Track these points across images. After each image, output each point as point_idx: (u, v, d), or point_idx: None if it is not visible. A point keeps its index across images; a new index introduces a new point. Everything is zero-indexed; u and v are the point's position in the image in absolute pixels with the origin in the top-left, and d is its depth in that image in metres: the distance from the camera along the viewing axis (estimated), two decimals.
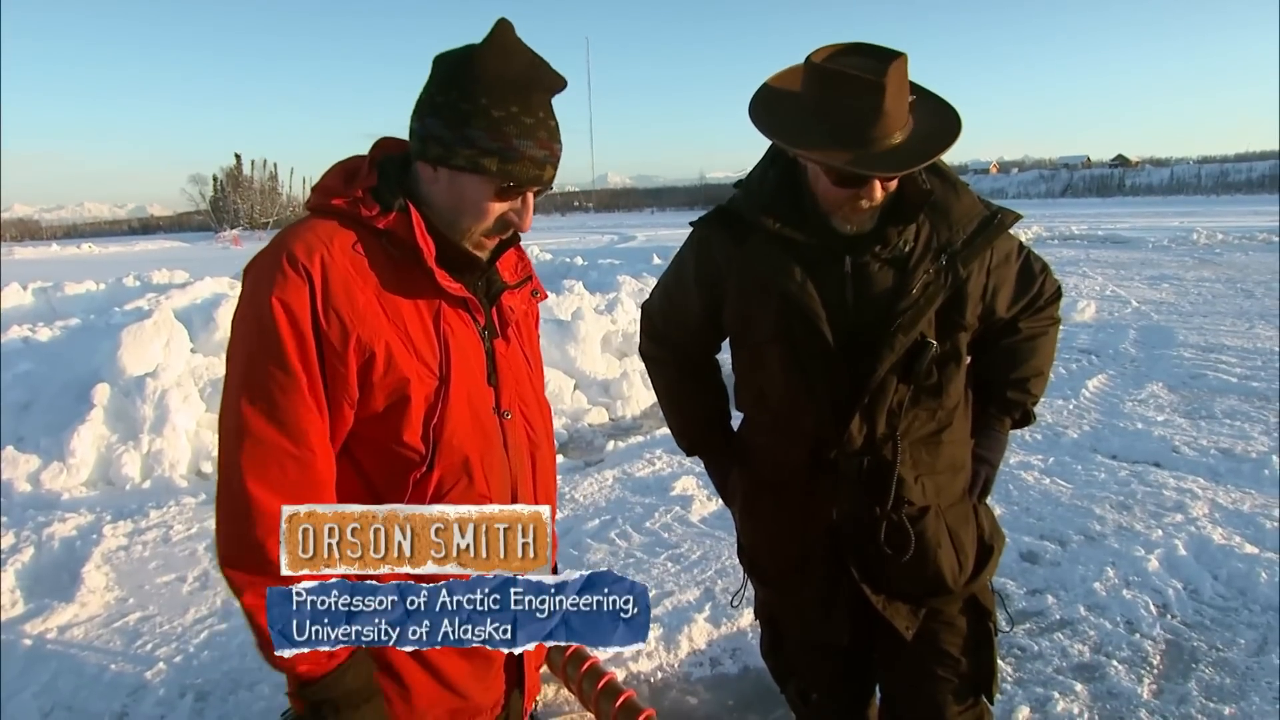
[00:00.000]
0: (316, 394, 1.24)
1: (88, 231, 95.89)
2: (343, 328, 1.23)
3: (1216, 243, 19.55)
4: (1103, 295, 11.69)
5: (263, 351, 1.22)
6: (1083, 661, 2.91)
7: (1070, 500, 4.29)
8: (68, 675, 3.01)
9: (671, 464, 5.08)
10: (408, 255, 1.29)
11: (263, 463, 1.22)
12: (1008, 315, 1.75)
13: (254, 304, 1.23)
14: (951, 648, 1.77)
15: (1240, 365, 7.05)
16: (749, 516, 1.89)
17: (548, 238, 33.03)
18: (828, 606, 1.76)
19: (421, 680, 1.38)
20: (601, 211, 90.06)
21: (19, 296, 11.88)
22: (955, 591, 1.73)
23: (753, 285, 1.66)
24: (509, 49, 1.26)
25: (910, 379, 1.60)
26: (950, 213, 1.61)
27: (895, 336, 1.55)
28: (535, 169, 1.28)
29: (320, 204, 1.32)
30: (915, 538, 1.65)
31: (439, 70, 1.28)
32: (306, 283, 1.22)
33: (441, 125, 1.25)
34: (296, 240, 1.25)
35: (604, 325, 7.70)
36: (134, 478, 5.07)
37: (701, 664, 3.00)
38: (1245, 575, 3.39)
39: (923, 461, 1.68)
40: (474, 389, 1.36)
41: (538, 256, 18.58)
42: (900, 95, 1.47)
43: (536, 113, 1.27)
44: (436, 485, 1.33)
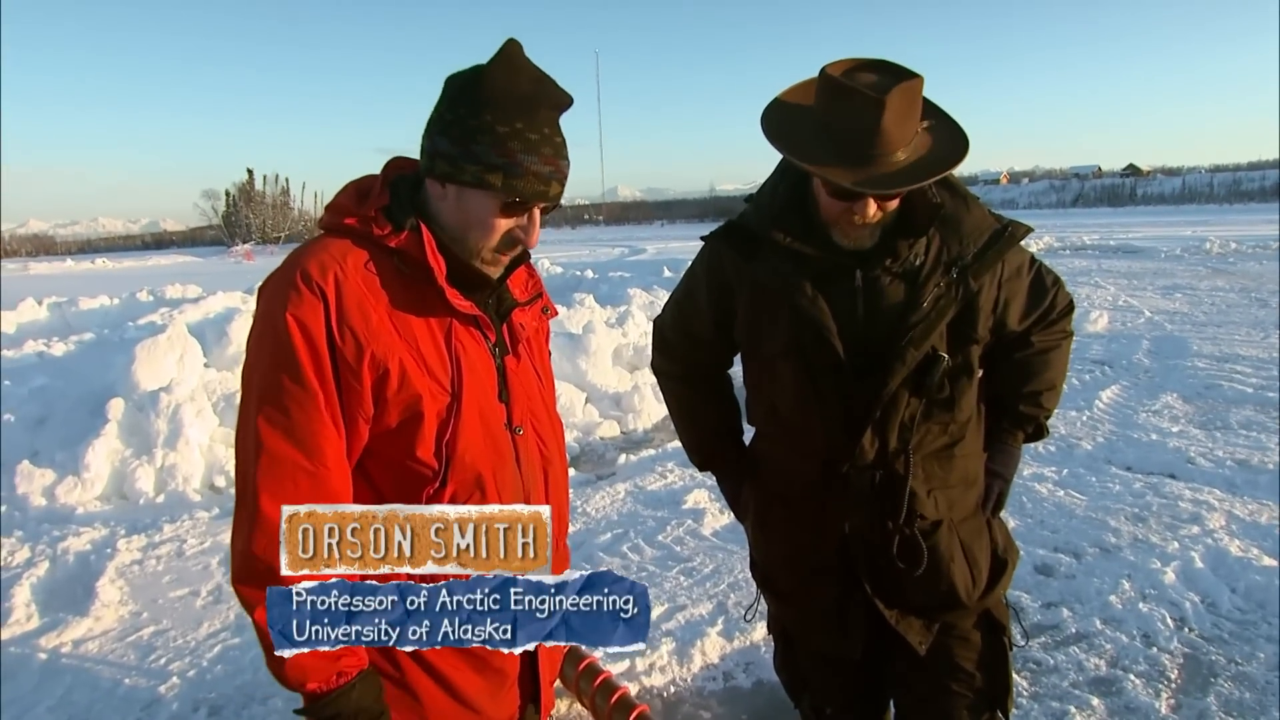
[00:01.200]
0: (333, 410, 1.25)
1: (102, 246, 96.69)
2: (357, 344, 1.24)
3: (1230, 252, 19.43)
4: (1115, 305, 11.62)
5: (278, 368, 1.23)
6: (1099, 675, 2.88)
7: (1085, 512, 4.26)
8: (82, 689, 3.02)
9: (683, 477, 5.07)
10: (419, 274, 1.30)
11: (278, 479, 1.23)
12: (1020, 329, 1.74)
13: (269, 321, 1.24)
14: (966, 663, 1.76)
15: (1255, 375, 7.00)
16: (761, 529, 1.88)
17: (558, 251, 33.11)
18: (841, 621, 1.75)
19: (434, 694, 1.38)
20: (612, 224, 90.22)
21: (34, 311, 11.98)
22: (969, 606, 1.72)
23: (763, 298, 1.67)
24: (515, 67, 1.28)
25: (922, 393, 1.60)
26: (961, 226, 1.61)
27: (906, 350, 1.55)
28: (540, 184, 1.29)
29: (333, 223, 1.34)
30: (928, 552, 1.64)
31: (448, 89, 1.30)
32: (321, 300, 1.23)
33: (448, 142, 1.27)
34: (310, 259, 1.27)
35: (615, 338, 7.70)
36: (148, 492, 5.09)
37: (715, 678, 2.99)
38: (1264, 588, 3.35)
39: (935, 475, 1.68)
40: (486, 405, 1.37)
41: (548, 270, 18.62)
42: (905, 115, 1.46)
43: (542, 129, 1.29)
44: (450, 501, 1.34)
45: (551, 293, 1.61)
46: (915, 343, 1.56)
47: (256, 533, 1.23)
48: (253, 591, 1.23)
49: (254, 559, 1.23)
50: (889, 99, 1.41)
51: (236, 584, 1.25)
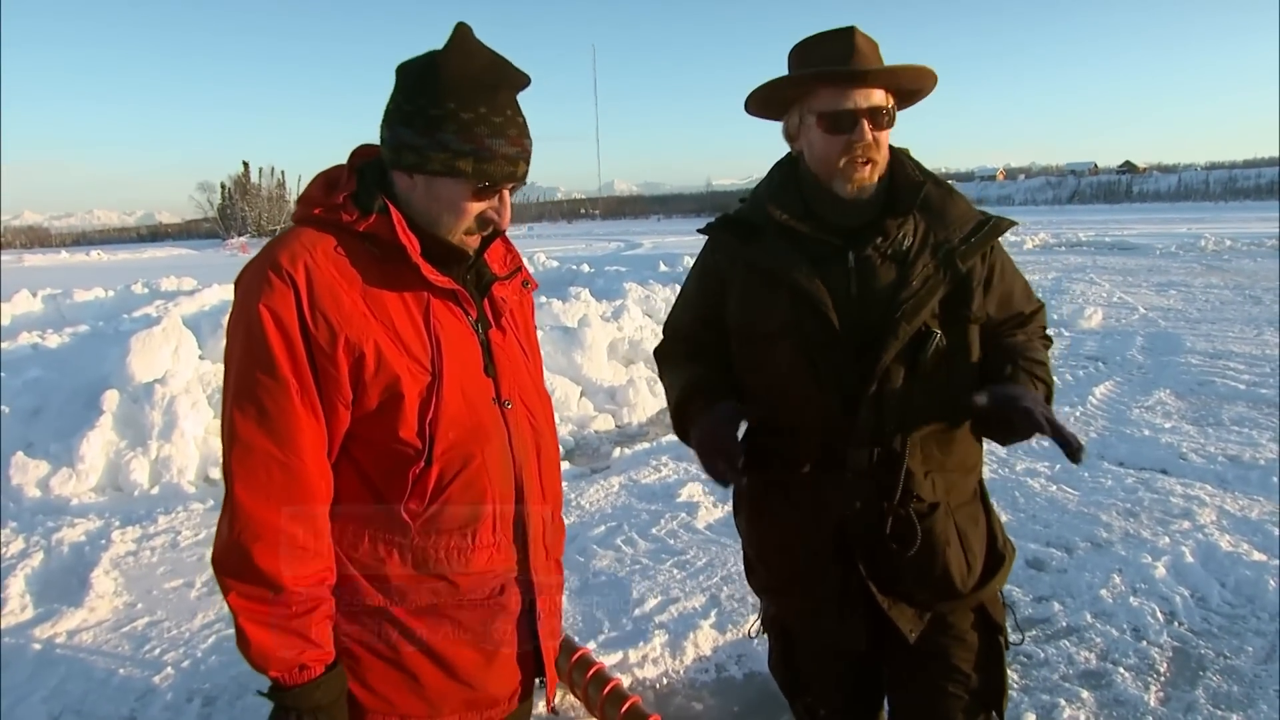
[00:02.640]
0: (309, 398, 1.26)
1: (97, 239, 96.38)
2: (330, 329, 1.26)
3: (1224, 249, 19.49)
4: (1110, 302, 11.66)
5: (252, 359, 1.25)
6: (1089, 669, 2.90)
7: (1077, 507, 4.28)
8: (76, 679, 3.03)
9: (678, 471, 5.08)
10: (392, 254, 1.32)
11: (251, 469, 1.25)
12: (999, 317, 1.74)
13: (243, 313, 1.27)
14: (963, 663, 1.76)
15: (1248, 372, 7.03)
16: (759, 519, 1.87)
17: (554, 245, 33.09)
18: (841, 609, 1.75)
19: (430, 672, 1.40)
20: (608, 218, 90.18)
21: (29, 303, 11.97)
22: (964, 596, 1.72)
23: (761, 278, 1.70)
24: (470, 51, 1.29)
25: (917, 369, 1.61)
26: (946, 214, 1.67)
27: (899, 324, 1.59)
28: (509, 166, 1.32)
29: (304, 214, 1.36)
30: (923, 534, 1.66)
31: (404, 79, 1.31)
32: (291, 288, 1.25)
33: (413, 133, 1.29)
34: (281, 249, 1.29)
35: (610, 332, 7.71)
36: (142, 483, 5.09)
37: (707, 670, 3.00)
38: (1253, 583, 3.38)
39: (933, 457, 1.69)
40: (469, 381, 1.38)
41: (544, 264, 18.60)
42: (873, 47, 1.62)
43: (505, 111, 1.31)
44: (436, 480, 1.35)
45: (547, 286, 1.63)
46: (907, 317, 1.59)
47: (233, 521, 1.25)
48: (226, 577, 1.27)
49: (229, 545, 1.26)
50: (854, 28, 1.61)
51: (213, 567, 1.28)
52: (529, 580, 1.49)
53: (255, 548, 1.24)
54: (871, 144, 1.61)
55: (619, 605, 3.41)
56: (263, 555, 1.24)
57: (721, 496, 4.40)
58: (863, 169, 1.63)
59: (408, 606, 1.37)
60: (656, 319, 9.33)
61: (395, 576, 1.36)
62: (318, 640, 1.29)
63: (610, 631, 3.21)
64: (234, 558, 1.25)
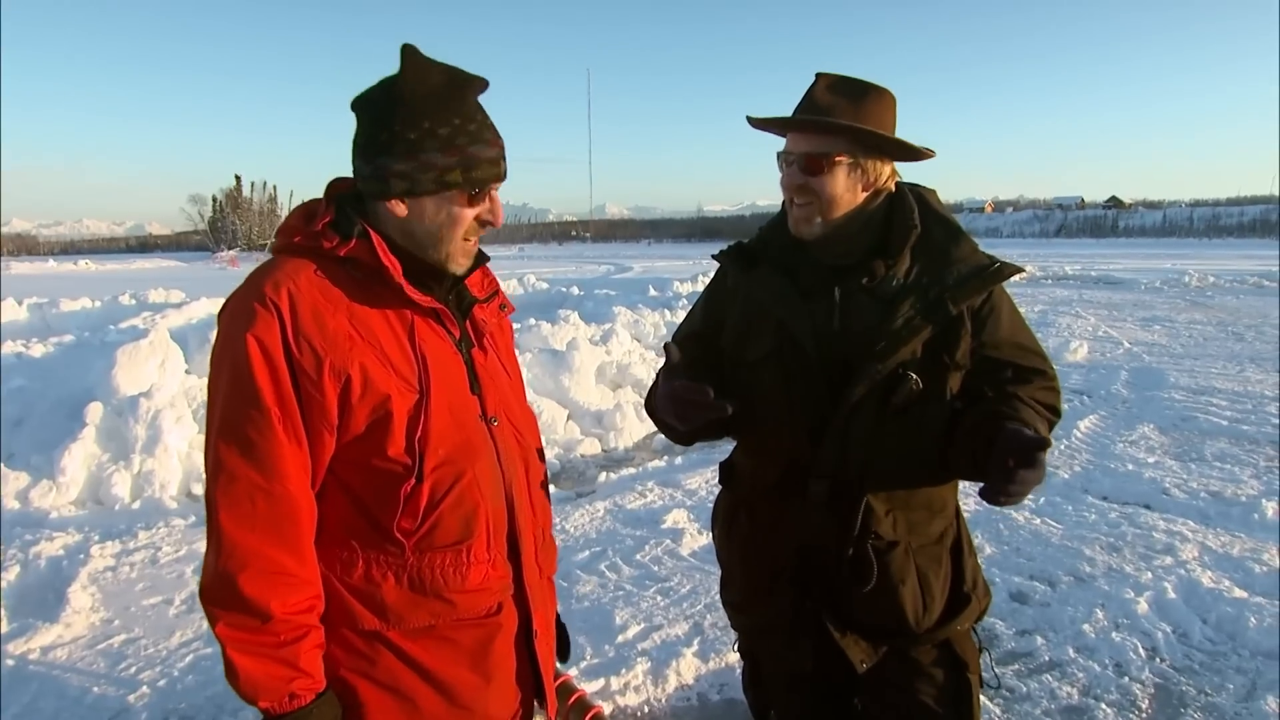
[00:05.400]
0: (293, 427, 1.27)
1: (85, 248, 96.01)
2: (315, 356, 1.27)
3: (1208, 285, 19.72)
4: (1095, 336, 11.75)
5: (237, 390, 1.25)
6: (1071, 704, 2.90)
7: (1060, 541, 4.29)
8: (49, 697, 2.98)
9: (663, 496, 5.08)
10: (373, 277, 1.34)
11: (235, 498, 1.25)
12: (992, 363, 1.70)
13: (228, 343, 1.28)
14: (928, 699, 1.77)
15: (1231, 408, 7.09)
16: (727, 538, 1.93)
17: (544, 266, 33.15)
18: (792, 633, 1.78)
19: (428, 697, 1.39)
20: (599, 241, 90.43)
21: (14, 311, 11.87)
22: (917, 636, 1.73)
23: (755, 307, 1.76)
24: (425, 68, 1.32)
25: (889, 409, 1.62)
26: (947, 255, 1.67)
27: (873, 364, 1.60)
28: (493, 167, 1.36)
29: (284, 243, 1.37)
30: (879, 571, 1.67)
31: (369, 110, 1.33)
32: (276, 316, 1.26)
33: (396, 160, 1.30)
34: (264, 279, 1.30)
35: (599, 356, 7.71)
36: (124, 498, 5.04)
37: (689, 699, 2.99)
38: (1234, 619, 3.39)
39: (897, 496, 1.70)
40: (455, 399, 1.40)
41: (534, 285, 18.62)
42: (837, 92, 1.62)
43: (476, 116, 1.34)
44: (429, 497, 1.35)
45: (536, 308, 1.65)
46: (881, 357, 1.60)
47: (219, 551, 1.26)
48: (213, 607, 1.26)
49: (216, 575, 1.26)
50: (819, 75, 1.63)
51: (202, 598, 1.28)
52: (525, 598, 1.50)
53: (241, 577, 1.23)
54: (797, 187, 1.64)
55: (602, 631, 3.39)
56: (249, 584, 1.24)
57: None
58: (799, 210, 1.67)
59: (404, 629, 1.37)
60: (645, 343, 9.34)
61: (392, 599, 1.35)
62: (307, 669, 1.29)
63: (592, 658, 3.19)
64: (220, 588, 1.25)
